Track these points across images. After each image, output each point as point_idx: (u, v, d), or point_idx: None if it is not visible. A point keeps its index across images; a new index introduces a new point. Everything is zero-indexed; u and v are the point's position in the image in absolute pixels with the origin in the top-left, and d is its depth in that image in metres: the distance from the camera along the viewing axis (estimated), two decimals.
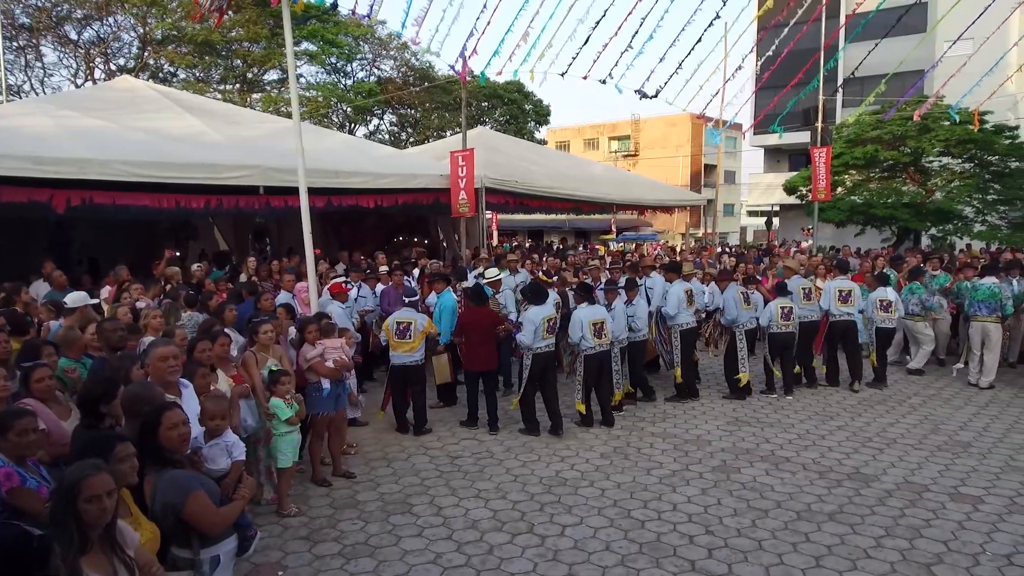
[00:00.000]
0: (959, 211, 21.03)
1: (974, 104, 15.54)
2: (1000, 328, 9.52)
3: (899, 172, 22.22)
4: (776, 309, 9.11)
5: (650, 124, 50.25)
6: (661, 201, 20.68)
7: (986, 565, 4.84)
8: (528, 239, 34.47)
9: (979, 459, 6.91)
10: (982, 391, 9.45)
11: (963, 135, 19.52)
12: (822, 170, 15.68)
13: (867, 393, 9.41)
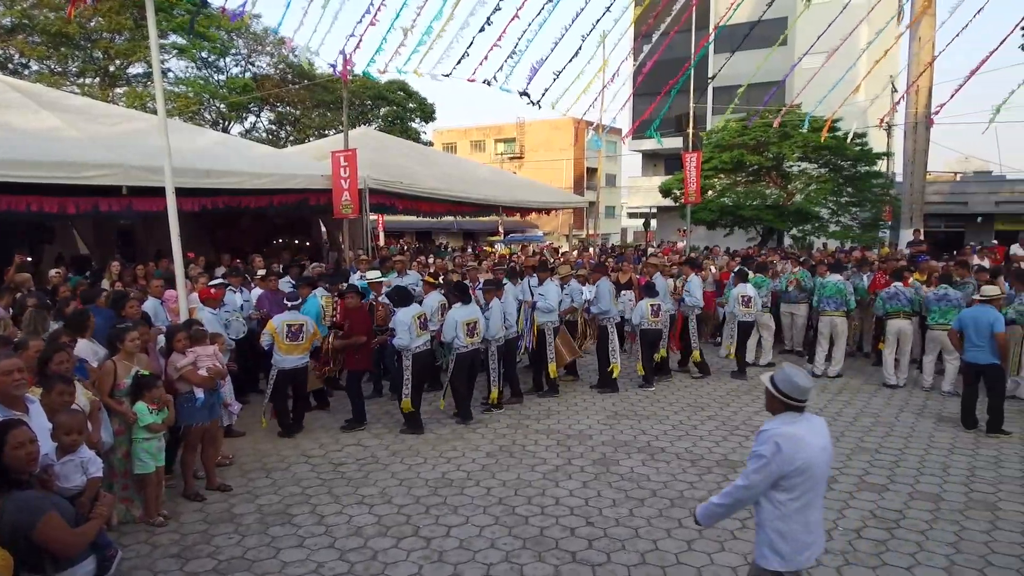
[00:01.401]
0: (816, 212, 22.72)
1: (828, 112, 16.84)
2: (846, 321, 10.36)
3: (763, 176, 23.73)
4: (647, 307, 9.51)
5: (535, 127, 51.10)
6: (545, 203, 21.09)
7: (838, 539, 5.26)
8: (416, 241, 34.26)
9: (833, 442, 7.47)
10: (835, 380, 10.26)
11: (818, 142, 21.10)
12: (693, 174, 16.51)
13: (734, 384, 10.02)
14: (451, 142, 53.96)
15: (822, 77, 16.10)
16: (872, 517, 5.61)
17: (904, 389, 9.68)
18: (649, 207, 39.84)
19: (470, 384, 8.46)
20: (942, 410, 8.60)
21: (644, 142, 38.44)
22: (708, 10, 32.65)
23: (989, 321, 7.48)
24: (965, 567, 4.81)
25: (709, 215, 22.35)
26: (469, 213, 19.55)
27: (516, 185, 21.01)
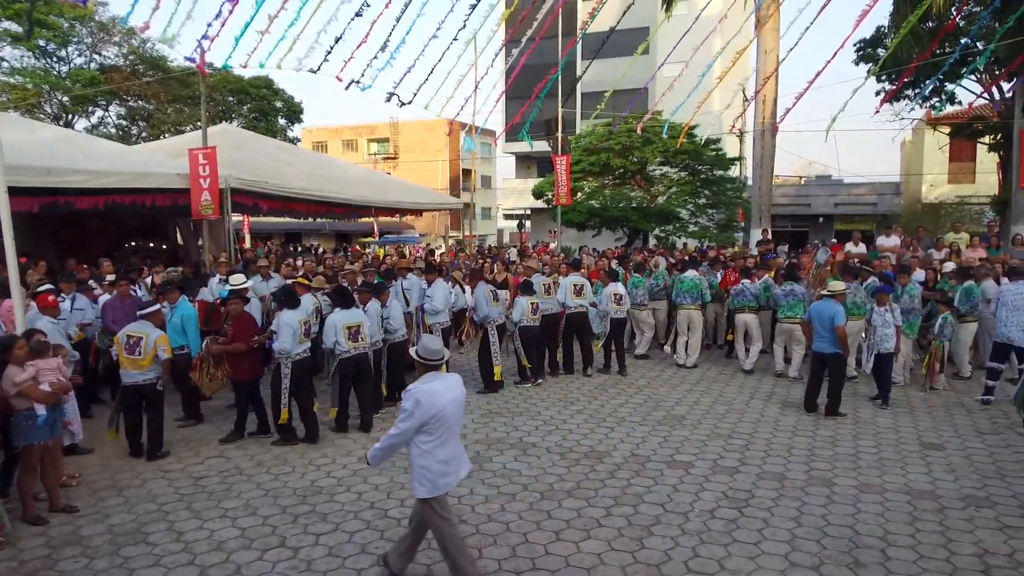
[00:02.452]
0: (677, 213, 23.98)
1: (687, 119, 17.83)
2: (701, 315, 11.03)
3: (628, 179, 24.77)
4: (526, 304, 9.71)
5: (409, 127, 50.68)
6: (420, 204, 20.94)
7: (694, 521, 5.59)
8: (286, 243, 33.08)
9: (691, 429, 7.95)
10: (693, 370, 10.88)
11: (675, 147, 22.27)
12: (563, 177, 16.98)
13: (602, 378, 10.40)
14: (321, 141, 52.54)
15: (681, 85, 17.04)
16: (725, 498, 6.01)
17: (754, 377, 10.41)
18: (524, 209, 40.55)
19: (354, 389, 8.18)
20: (787, 396, 9.32)
21: (517, 145, 39.13)
22: (575, 17, 33.66)
23: (830, 315, 8.21)
24: (805, 539, 5.25)
25: (579, 216, 23.06)
26: (341, 214, 19.08)
27: (389, 186, 20.74)
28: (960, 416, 8.40)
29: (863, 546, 5.11)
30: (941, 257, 13.37)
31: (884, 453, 7.11)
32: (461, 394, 4.55)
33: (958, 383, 9.93)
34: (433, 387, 4.34)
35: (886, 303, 8.80)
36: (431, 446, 4.33)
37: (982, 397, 8.92)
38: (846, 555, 4.98)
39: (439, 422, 4.30)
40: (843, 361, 8.38)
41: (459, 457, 4.55)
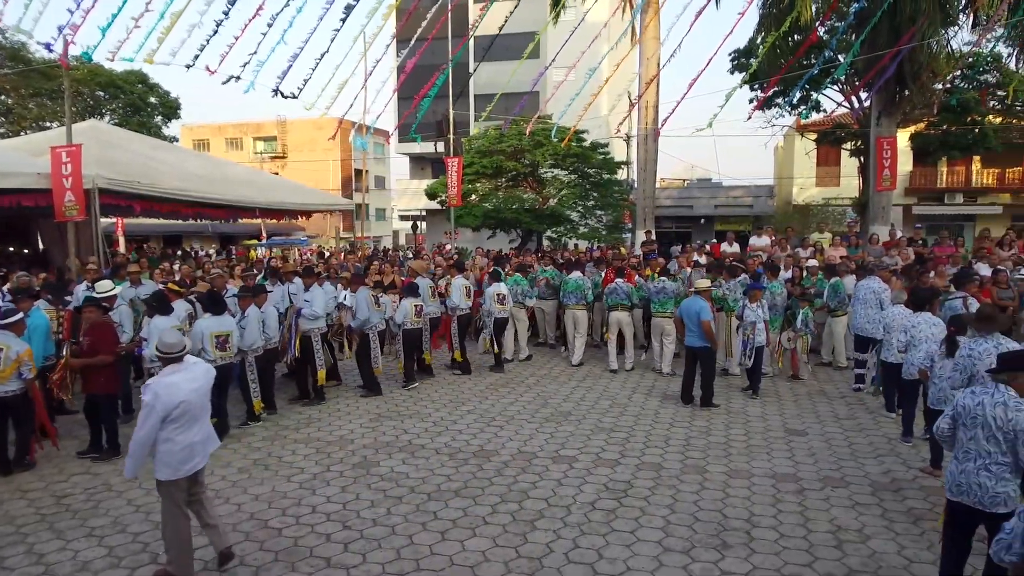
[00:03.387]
0: (568, 215, 24.53)
1: (577, 122, 18.28)
2: (586, 314, 11.37)
3: (521, 181, 25.12)
4: (410, 307, 9.68)
5: (297, 126, 49.28)
6: (308, 205, 20.40)
7: (576, 513, 5.76)
8: (163, 246, 31.41)
9: (576, 425, 8.18)
10: (580, 367, 11.19)
11: (567, 150, 22.79)
12: (454, 178, 17.02)
13: (493, 378, 10.52)
14: (203, 139, 50.27)
15: (571, 89, 17.47)
16: (605, 490, 6.23)
17: (636, 372, 10.82)
18: (419, 210, 40.28)
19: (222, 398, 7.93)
20: (667, 390, 9.74)
21: (411, 145, 38.84)
22: (467, 18, 33.80)
23: (696, 310, 8.66)
24: (678, 525, 5.53)
25: (473, 219, 23.17)
26: (223, 216, 18.32)
27: (276, 186, 20.10)
28: (822, 404, 9.06)
29: (730, 528, 5.44)
30: (807, 255, 14.34)
31: (752, 440, 7.57)
32: (206, 383, 4.77)
33: (821, 373, 10.70)
34: (172, 380, 4.55)
35: (757, 299, 9.36)
36: (175, 433, 4.53)
37: (855, 386, 9.63)
38: (714, 538, 5.28)
39: (181, 411, 4.52)
40: (712, 354, 8.86)
41: (205, 442, 4.75)
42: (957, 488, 4.10)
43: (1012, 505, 3.95)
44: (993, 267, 11.29)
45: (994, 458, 4.00)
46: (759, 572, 4.78)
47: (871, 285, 9.55)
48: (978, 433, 4.03)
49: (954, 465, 4.18)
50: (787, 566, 4.86)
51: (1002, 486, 3.97)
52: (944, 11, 15.99)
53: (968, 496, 4.04)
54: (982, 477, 4.00)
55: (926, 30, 15.28)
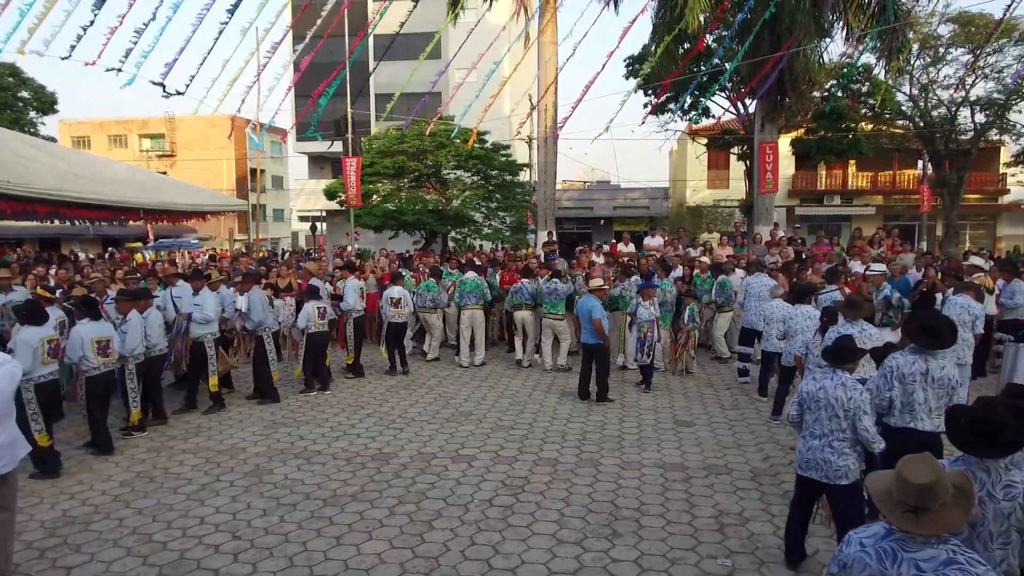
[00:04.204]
0: (472, 217, 24.59)
1: (481, 124, 18.34)
2: (484, 314, 11.45)
3: (424, 182, 24.99)
4: (313, 310, 9.48)
5: (188, 123, 47.11)
6: (198, 206, 19.49)
7: (474, 511, 5.82)
8: (39, 249, 29.33)
9: (476, 424, 8.25)
10: (482, 367, 11.27)
11: (470, 151, 22.84)
12: (353, 178, 16.76)
13: (394, 380, 10.45)
14: (83, 136, 47.30)
15: (473, 90, 17.53)
16: (503, 487, 6.32)
17: (536, 370, 11.01)
18: (319, 211, 39.35)
19: (104, 408, 7.52)
20: (565, 387, 9.96)
21: (310, 144, 37.91)
22: (365, 16, 33.30)
23: (589, 308, 8.93)
24: (572, 517, 5.68)
25: (374, 219, 22.85)
26: (104, 218, 17.28)
27: (163, 186, 19.12)
28: (709, 396, 9.51)
29: (621, 518, 5.65)
30: (697, 255, 14.99)
31: (644, 432, 7.87)
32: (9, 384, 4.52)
33: (709, 366, 11.22)
34: None
35: (650, 298, 9.72)
36: None
37: (741, 380, 10.13)
38: (606, 528, 5.47)
39: None
40: (606, 351, 9.14)
41: (11, 446, 4.55)
42: (806, 464, 4.54)
43: (852, 477, 4.40)
44: (864, 264, 12.16)
45: (836, 435, 4.45)
46: (646, 558, 4.99)
47: (763, 281, 10.11)
48: (821, 414, 4.49)
49: (802, 444, 4.62)
50: (672, 551, 5.09)
51: (843, 460, 4.43)
52: (818, 23, 17.08)
53: (816, 471, 4.49)
54: (827, 453, 4.46)
55: (802, 40, 16.28)
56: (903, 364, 4.91)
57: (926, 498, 2.41)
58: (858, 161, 31.81)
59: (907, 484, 2.45)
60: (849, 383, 4.49)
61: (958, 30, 24.27)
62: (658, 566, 4.88)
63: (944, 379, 4.80)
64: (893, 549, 2.45)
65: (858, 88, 24.67)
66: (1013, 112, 26.05)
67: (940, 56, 25.13)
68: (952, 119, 25.79)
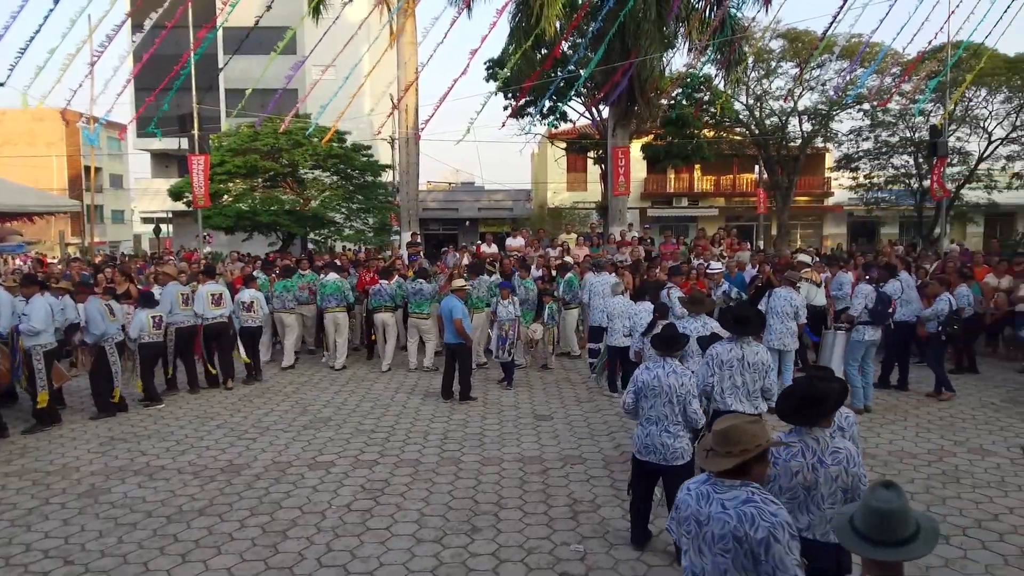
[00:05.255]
0: (332, 218, 24.00)
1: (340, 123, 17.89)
2: (347, 316, 11.24)
3: (279, 182, 24.11)
4: (146, 319, 8.91)
5: (10, 116, 42.75)
6: (24, 207, 17.78)
7: (331, 517, 5.70)
8: None
9: (336, 430, 8.08)
10: (343, 371, 11.04)
11: (329, 151, 22.28)
12: (201, 177, 15.88)
13: (247, 389, 10.00)
14: None
15: (331, 87, 17.07)
16: (362, 491, 6.24)
17: (400, 372, 10.93)
18: (164, 211, 36.90)
19: None
20: (429, 387, 9.95)
21: (153, 141, 35.42)
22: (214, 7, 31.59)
23: (449, 309, 8.99)
24: (431, 516, 5.70)
25: (225, 220, 21.76)
26: None
27: None
28: (566, 390, 9.84)
29: (480, 513, 5.74)
30: (556, 255, 15.46)
31: (505, 428, 8.03)
32: None
33: (567, 361, 11.60)
34: None
35: (508, 297, 9.92)
36: None
37: (592, 374, 10.53)
38: (466, 524, 5.54)
39: None
40: (467, 350, 9.24)
41: None
42: (645, 449, 4.85)
43: (687, 457, 4.77)
44: (707, 262, 13.02)
45: (671, 420, 4.78)
46: (504, 550, 5.10)
47: (606, 279, 10.57)
48: (657, 401, 4.81)
49: (640, 430, 4.93)
50: (528, 541, 5.24)
51: (678, 443, 4.79)
52: (663, 34, 18.11)
53: (654, 455, 4.80)
54: (664, 437, 4.79)
55: (649, 50, 17.19)
56: (722, 352, 5.40)
57: (719, 441, 2.83)
58: (702, 166, 33.97)
59: (714, 431, 2.90)
60: (679, 370, 4.84)
61: (787, 45, 26.53)
62: (515, 557, 5.01)
63: (758, 364, 5.32)
64: (708, 491, 2.85)
65: (700, 97, 26.37)
66: (835, 122, 28.83)
67: (772, 69, 27.36)
68: (783, 127, 28.13)
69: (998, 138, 27.60)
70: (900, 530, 2.22)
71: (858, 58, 22.07)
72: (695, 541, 2.85)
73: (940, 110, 22.74)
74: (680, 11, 17.89)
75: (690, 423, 4.79)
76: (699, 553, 2.83)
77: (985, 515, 5.62)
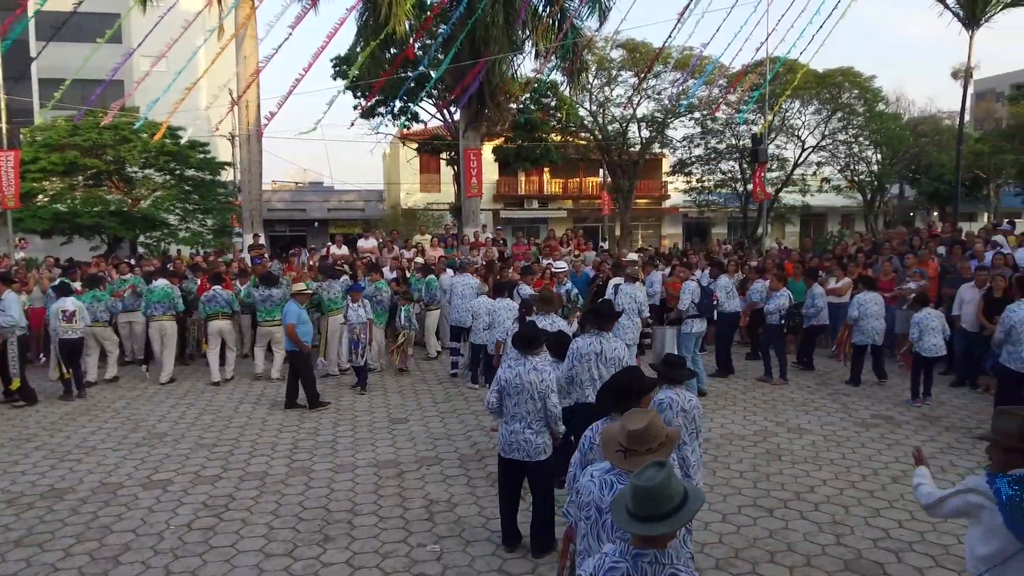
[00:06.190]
0: (165, 219, 22.39)
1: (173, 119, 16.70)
2: (175, 326, 10.49)
3: (103, 181, 22.18)
4: None
5: None
6: None
7: (169, 538, 5.33)
8: None
9: (173, 445, 7.55)
10: (180, 384, 10.31)
11: (161, 148, 20.76)
12: (10, 175, 14.30)
13: (69, 407, 9.09)
14: None
15: (163, 80, 15.86)
16: (204, 508, 5.88)
17: (244, 381, 10.39)
18: None
19: None
20: (277, 396, 9.49)
21: None
22: None
23: (286, 312, 8.75)
24: (281, 528, 5.48)
25: (40, 223, 19.68)
26: None
27: None
28: (423, 392, 9.79)
29: (333, 522, 5.59)
30: (410, 256, 15.35)
31: (359, 434, 7.87)
32: None
33: (424, 363, 11.56)
34: None
35: (358, 300, 9.72)
36: None
37: (451, 371, 10.55)
38: (317, 534, 5.37)
39: None
40: (303, 357, 8.83)
41: None
42: (509, 447, 4.90)
43: (549, 451, 4.88)
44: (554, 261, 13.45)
45: (533, 416, 4.86)
46: (358, 557, 5.00)
47: (467, 281, 10.65)
48: (520, 398, 4.87)
49: (504, 428, 4.97)
50: (384, 546, 5.17)
51: (541, 439, 4.89)
52: (511, 40, 18.50)
53: (518, 452, 4.87)
54: (527, 434, 4.86)
55: (497, 54, 17.50)
56: (582, 346, 5.62)
57: (634, 441, 2.87)
58: (552, 169, 35.02)
59: (624, 429, 2.93)
60: (540, 366, 4.94)
61: (626, 55, 27.94)
62: (370, 563, 4.92)
63: (615, 358, 5.58)
64: (612, 480, 2.94)
65: (547, 103, 27.19)
66: (670, 129, 30.73)
67: (613, 77, 28.71)
68: (624, 133, 29.59)
69: (810, 146, 30.67)
70: (663, 505, 2.32)
71: (690, 70, 23.71)
72: (594, 528, 2.93)
73: (761, 120, 24.84)
74: (527, 19, 18.36)
75: (550, 418, 4.85)
76: (597, 539, 2.91)
77: (803, 488, 6.22)
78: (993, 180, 32.60)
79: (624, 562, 2.36)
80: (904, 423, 8.10)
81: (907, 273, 10.99)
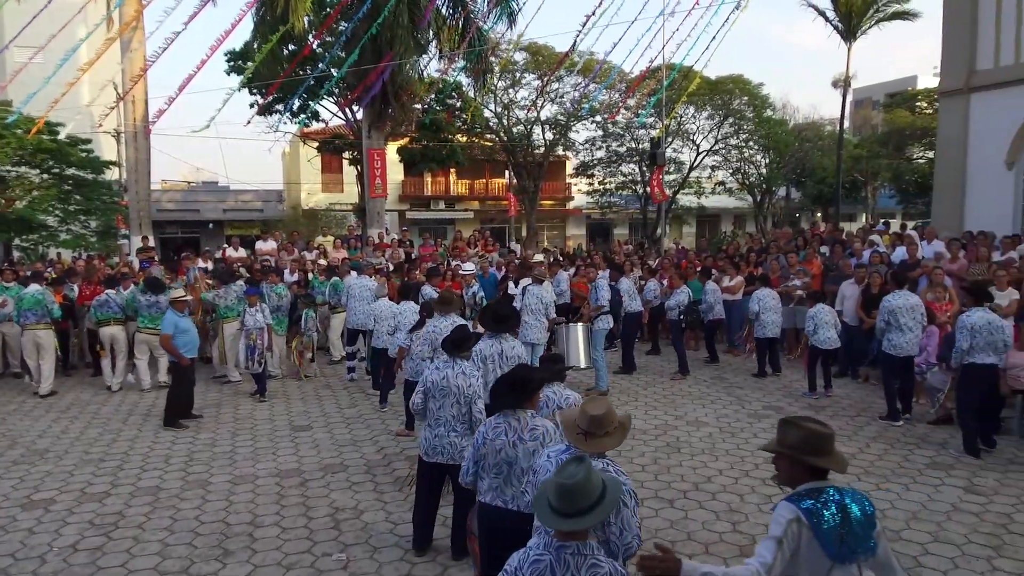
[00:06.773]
0: (43, 221, 20.90)
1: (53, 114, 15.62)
2: (51, 334, 9.81)
3: None
4: None
5: None
6: None
7: (53, 561, 5.00)
8: None
9: (56, 462, 7.08)
10: (63, 396, 9.68)
11: (36, 145, 19.35)
12: None
13: None
14: None
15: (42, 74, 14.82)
16: (91, 527, 5.54)
17: (133, 392, 9.85)
18: None
19: None
20: (152, 407, 9.01)
21: None
22: None
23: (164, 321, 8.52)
24: (176, 545, 5.23)
25: None
26: None
27: None
28: (327, 397, 9.58)
29: (233, 535, 5.39)
30: (312, 257, 14.99)
31: (259, 443, 7.61)
32: None
33: (327, 367, 11.31)
34: None
35: (255, 304, 9.39)
36: None
37: (349, 376, 10.38)
38: (216, 548, 5.17)
39: None
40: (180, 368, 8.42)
41: None
42: (432, 450, 4.83)
43: None
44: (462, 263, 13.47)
45: (459, 420, 4.81)
46: (260, 570, 4.85)
47: (366, 283, 10.49)
48: (446, 402, 4.81)
49: (428, 432, 4.90)
50: (287, 557, 5.03)
51: (466, 441, 4.79)
52: (416, 41, 18.37)
53: (442, 455, 4.81)
54: (452, 437, 4.81)
55: (402, 55, 17.33)
56: (484, 348, 5.68)
57: (594, 425, 3.15)
58: (458, 170, 34.97)
59: (585, 413, 3.18)
60: (468, 370, 4.88)
61: (530, 59, 28.28)
62: (273, 575, 4.78)
63: (515, 357, 5.66)
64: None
65: (452, 104, 27.14)
66: (572, 132, 31.32)
67: (517, 80, 28.99)
68: (528, 135, 29.94)
69: (704, 150, 32.00)
70: (583, 501, 2.45)
71: (593, 75, 24.27)
72: None
73: (659, 124, 25.71)
74: (432, 21, 18.27)
75: (476, 423, 4.76)
76: None
77: (701, 478, 6.49)
78: (870, 183, 35.01)
79: (547, 554, 2.49)
80: (793, 413, 8.57)
81: (791, 271, 11.65)
